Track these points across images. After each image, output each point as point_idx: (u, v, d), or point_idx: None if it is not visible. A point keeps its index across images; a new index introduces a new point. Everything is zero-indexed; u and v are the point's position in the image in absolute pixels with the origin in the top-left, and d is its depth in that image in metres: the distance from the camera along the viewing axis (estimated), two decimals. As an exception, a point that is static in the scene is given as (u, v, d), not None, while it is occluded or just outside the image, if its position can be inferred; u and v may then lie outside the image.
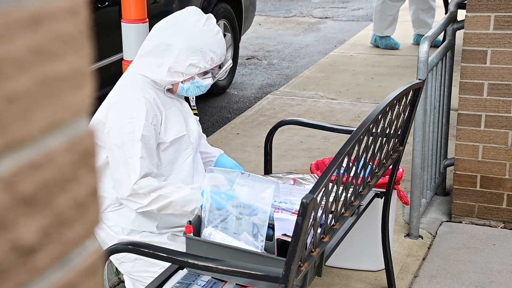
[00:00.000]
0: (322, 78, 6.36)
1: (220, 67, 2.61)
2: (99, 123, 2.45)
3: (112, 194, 2.55)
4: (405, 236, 3.55)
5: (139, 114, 2.40)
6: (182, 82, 2.50)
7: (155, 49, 2.47)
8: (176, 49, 2.43)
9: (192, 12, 2.50)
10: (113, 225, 2.59)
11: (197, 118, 2.76)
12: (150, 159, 2.43)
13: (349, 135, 2.13)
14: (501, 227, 3.60)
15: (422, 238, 3.53)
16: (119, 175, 2.42)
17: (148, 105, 2.43)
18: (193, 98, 2.81)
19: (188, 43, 2.42)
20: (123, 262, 2.61)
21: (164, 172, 2.53)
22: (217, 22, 2.58)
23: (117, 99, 2.48)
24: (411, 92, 2.64)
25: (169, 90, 2.54)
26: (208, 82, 2.56)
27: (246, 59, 7.34)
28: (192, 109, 2.75)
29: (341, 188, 2.17)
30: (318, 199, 1.90)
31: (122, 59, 3.55)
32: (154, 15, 4.52)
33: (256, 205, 2.25)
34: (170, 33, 2.45)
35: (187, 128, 2.59)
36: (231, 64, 2.67)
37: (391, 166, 2.77)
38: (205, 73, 2.53)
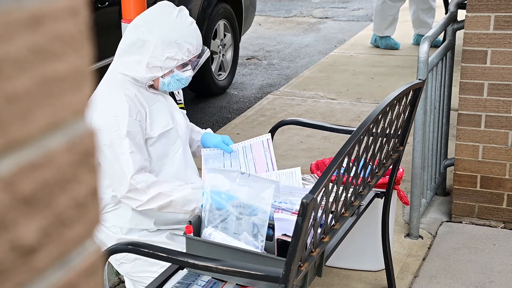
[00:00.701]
0: (322, 78, 6.36)
1: (199, 57, 2.61)
2: None
3: (108, 194, 2.55)
4: (405, 236, 3.55)
5: (122, 111, 2.41)
6: (162, 76, 2.51)
7: (132, 47, 2.48)
8: (152, 44, 2.44)
9: (164, 6, 2.52)
10: (111, 226, 2.60)
11: (184, 112, 2.77)
12: (141, 153, 2.43)
13: (349, 135, 2.13)
14: (501, 227, 3.60)
15: (422, 238, 3.53)
16: (115, 174, 2.43)
17: (130, 101, 2.44)
18: (178, 93, 2.81)
19: (163, 37, 2.44)
20: (123, 263, 2.61)
21: (155, 168, 2.54)
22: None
23: (99, 100, 2.48)
24: (411, 92, 2.64)
25: (151, 86, 2.55)
26: (188, 74, 2.56)
27: (246, 59, 7.34)
28: (178, 103, 2.75)
29: (341, 188, 2.17)
30: (318, 199, 1.90)
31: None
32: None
33: (256, 205, 2.25)
34: (145, 29, 2.46)
35: (174, 122, 2.60)
36: (209, 53, 2.68)
37: (391, 166, 2.77)
38: (184, 65, 2.54)
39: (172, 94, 2.72)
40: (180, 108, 2.74)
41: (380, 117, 2.36)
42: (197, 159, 2.84)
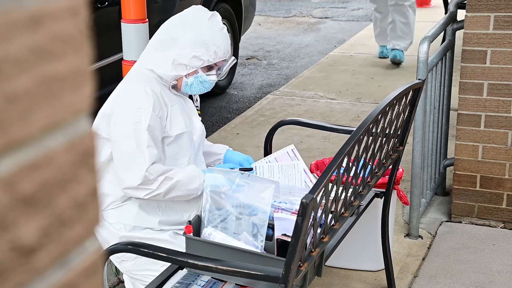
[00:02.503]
0: (322, 78, 6.35)
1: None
2: (104, 116, 2.49)
3: (116, 191, 2.55)
4: (405, 236, 3.55)
5: (146, 104, 2.44)
6: (186, 76, 2.53)
7: (161, 44, 2.52)
8: (180, 42, 2.48)
9: (197, 9, 2.58)
10: (114, 222, 2.59)
11: (200, 118, 2.79)
12: (157, 149, 2.45)
13: (349, 135, 2.13)
14: (500, 227, 3.60)
15: (422, 238, 3.53)
16: (127, 165, 2.43)
17: (155, 97, 2.47)
18: (196, 100, 2.83)
19: (192, 36, 2.48)
20: (124, 260, 2.61)
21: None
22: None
23: (123, 92, 2.52)
24: (411, 92, 2.64)
25: (173, 87, 2.57)
26: (212, 78, 2.58)
27: (246, 59, 7.34)
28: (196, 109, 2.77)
29: (340, 188, 2.17)
30: (318, 199, 1.90)
31: (122, 59, 3.54)
32: (154, 15, 4.52)
33: (256, 205, 2.25)
34: (176, 28, 2.51)
35: (191, 125, 2.62)
36: (235, 61, 2.70)
37: (390, 166, 2.77)
38: (209, 68, 2.56)
39: (191, 99, 2.74)
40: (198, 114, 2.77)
41: (379, 117, 2.37)
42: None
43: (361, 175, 2.40)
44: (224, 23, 2.62)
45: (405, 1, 6.49)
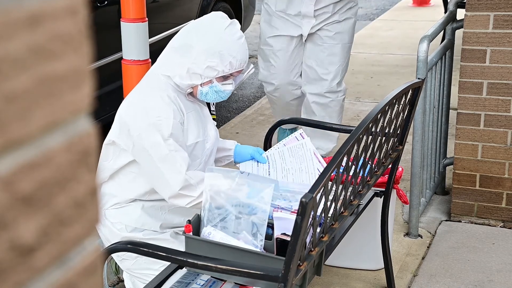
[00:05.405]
0: (322, 77, 6.34)
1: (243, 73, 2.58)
2: (122, 125, 2.44)
3: (122, 193, 2.54)
4: (404, 235, 3.55)
5: (166, 112, 2.40)
6: (201, 85, 2.48)
7: (178, 51, 2.47)
8: (196, 50, 2.42)
9: (217, 16, 2.51)
10: (116, 222, 2.58)
11: (214, 123, 2.76)
12: (185, 152, 2.43)
13: (349, 134, 2.13)
14: (500, 226, 3.60)
15: (422, 237, 3.53)
16: (162, 174, 2.38)
17: (173, 104, 2.43)
18: (213, 104, 2.79)
19: (208, 45, 2.42)
20: (125, 259, 2.61)
21: None
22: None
23: (140, 100, 2.46)
24: (410, 91, 2.64)
25: (190, 93, 2.54)
26: (228, 88, 2.52)
27: (246, 58, 7.33)
28: (211, 114, 2.74)
29: (340, 187, 2.17)
30: (318, 198, 1.90)
31: (121, 58, 3.54)
32: (154, 15, 4.52)
33: (255, 204, 2.25)
34: (193, 35, 2.46)
35: (205, 134, 2.58)
36: (253, 70, 2.66)
37: (390, 165, 2.77)
38: (225, 78, 2.51)
39: (207, 104, 2.69)
40: (213, 119, 2.73)
41: (379, 116, 2.37)
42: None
43: (360, 174, 2.41)
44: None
45: (336, 88, 4.11)
